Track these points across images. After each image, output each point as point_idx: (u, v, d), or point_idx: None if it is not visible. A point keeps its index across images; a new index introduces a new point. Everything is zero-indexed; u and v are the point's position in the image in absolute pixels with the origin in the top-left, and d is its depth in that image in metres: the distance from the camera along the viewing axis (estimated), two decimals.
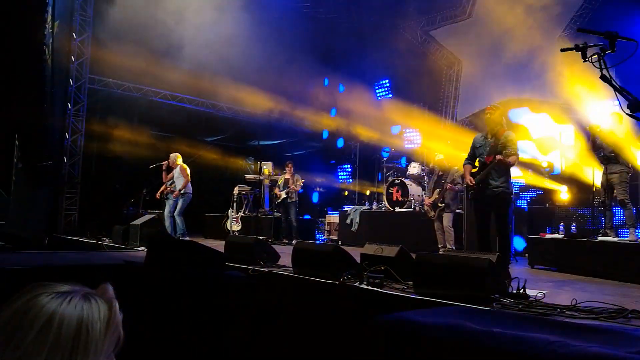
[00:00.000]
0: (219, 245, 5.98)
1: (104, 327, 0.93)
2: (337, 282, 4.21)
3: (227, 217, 10.70)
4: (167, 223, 8.99)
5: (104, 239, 8.81)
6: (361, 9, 13.08)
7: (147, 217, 8.61)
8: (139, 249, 7.50)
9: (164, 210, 9.18)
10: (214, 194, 12.54)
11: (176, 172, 9.17)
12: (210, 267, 4.55)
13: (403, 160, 11.95)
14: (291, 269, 4.83)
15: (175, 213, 8.96)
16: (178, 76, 11.51)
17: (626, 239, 6.05)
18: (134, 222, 8.26)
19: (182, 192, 8.99)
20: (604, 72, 2.43)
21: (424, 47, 12.88)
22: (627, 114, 2.47)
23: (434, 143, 10.94)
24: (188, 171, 9.16)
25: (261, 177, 11.26)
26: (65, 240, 9.59)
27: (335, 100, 14.55)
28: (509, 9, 10.60)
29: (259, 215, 10.77)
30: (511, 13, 10.55)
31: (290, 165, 10.15)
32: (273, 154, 13.59)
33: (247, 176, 12.31)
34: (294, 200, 9.77)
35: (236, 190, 11.04)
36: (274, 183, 10.76)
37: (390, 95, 13.76)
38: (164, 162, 9.41)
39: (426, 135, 12.28)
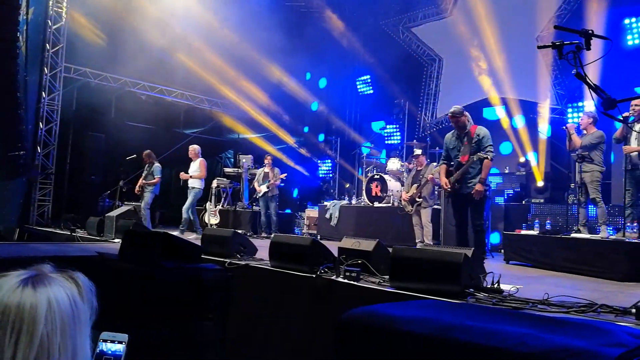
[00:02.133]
0: (196, 238, 5.92)
1: (73, 303, 0.95)
2: (313, 276, 4.20)
3: (205, 211, 10.61)
4: (145, 215, 8.87)
5: (77, 230, 8.65)
6: (343, 4, 13.06)
7: (123, 208, 8.49)
8: (114, 240, 7.39)
9: (141, 202, 9.05)
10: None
11: (195, 164, 9.07)
12: (185, 260, 4.50)
13: (383, 155, 12.00)
14: (268, 262, 4.81)
15: (185, 208, 8.80)
16: (155, 68, 11.34)
17: (598, 235, 6.18)
18: (109, 214, 8.13)
19: (192, 187, 8.87)
20: (579, 69, 2.46)
21: (405, 44, 12.92)
22: (601, 112, 2.51)
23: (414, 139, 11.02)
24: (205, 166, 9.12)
25: (240, 171, 11.19)
26: (37, 231, 9.39)
27: (317, 94, 14.53)
28: (489, 8, 10.71)
29: (238, 208, 10.71)
30: (491, 11, 10.67)
31: (269, 158, 10.11)
32: (253, 148, 13.51)
33: (226, 169, 12.22)
34: (275, 194, 9.74)
35: (215, 184, 10.95)
36: (253, 176, 10.70)
37: (372, 91, 13.79)
38: (144, 154, 9.25)
39: (407, 130, 12.36)
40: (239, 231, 8.71)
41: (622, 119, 5.54)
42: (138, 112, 11.92)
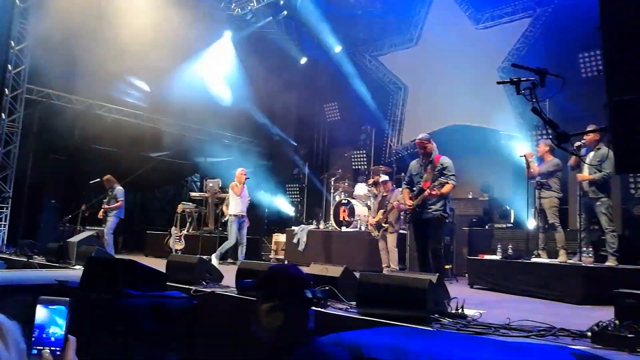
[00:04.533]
0: (160, 264, 5.81)
1: None
2: None
3: (170, 235, 10.42)
4: (108, 241, 8.64)
5: (35, 257, 8.34)
6: (311, 33, 13.31)
7: (85, 234, 8.25)
8: (75, 267, 7.15)
9: (104, 227, 8.83)
10: (157, 211, 12.21)
11: (246, 189, 9.03)
12: (150, 288, 4.41)
13: (351, 181, 12.11)
14: (234, 289, 4.76)
15: (237, 237, 8.69)
16: (121, 90, 11.22)
17: (557, 260, 6.39)
18: (70, 239, 7.88)
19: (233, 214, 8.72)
20: (535, 105, 2.61)
21: (372, 72, 13.23)
22: (555, 145, 2.65)
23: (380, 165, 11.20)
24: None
25: (207, 195, 11.08)
26: None
27: (284, 119, 14.63)
28: (453, 38, 11.14)
29: (204, 233, 10.57)
30: (455, 42, 11.09)
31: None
32: (220, 171, 13.42)
33: (192, 193, 12.08)
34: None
35: (180, 208, 10.80)
36: (220, 201, 10.60)
37: (339, 117, 14.00)
38: (104, 179, 9.07)
39: (374, 156, 12.56)
40: (205, 257, 8.61)
41: (574, 149, 5.84)
42: (102, 135, 11.71)
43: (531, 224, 7.68)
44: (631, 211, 7.94)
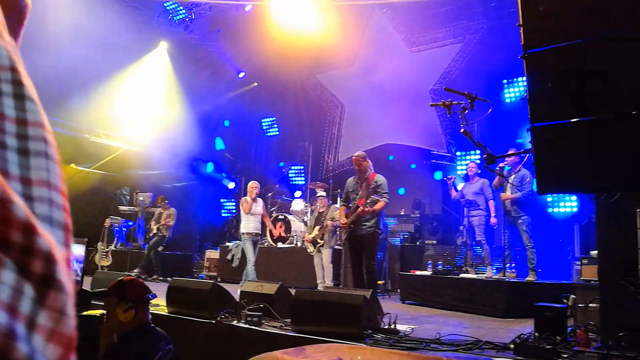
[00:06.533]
0: (85, 281, 5.48)
1: None
2: (214, 321, 4.07)
3: (96, 251, 9.88)
4: None
5: None
6: (250, 47, 13.28)
7: None
8: None
9: None
10: (83, 226, 11.54)
11: (260, 205, 7.66)
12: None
13: (288, 197, 12.11)
14: (165, 307, 4.57)
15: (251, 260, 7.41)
16: (45, 98, 10.58)
17: (483, 275, 6.69)
18: None
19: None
20: (465, 127, 2.74)
21: (310, 90, 13.38)
22: (484, 166, 2.80)
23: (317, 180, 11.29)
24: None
25: (137, 209, 10.65)
26: None
27: (221, 132, 14.42)
28: (387, 59, 11.52)
29: (132, 249, 10.12)
30: (390, 62, 11.47)
31: (160, 198, 9.81)
32: (152, 185, 12.96)
33: (121, 207, 11.57)
34: (163, 234, 9.39)
35: (107, 223, 10.29)
36: (150, 215, 10.22)
37: (277, 133, 14.00)
38: None
39: (311, 172, 12.65)
40: (133, 273, 8.24)
41: (499, 169, 6.19)
42: None
43: (460, 240, 8.02)
44: None
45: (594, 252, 5.35)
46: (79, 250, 4.14)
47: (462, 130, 2.74)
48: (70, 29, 9.32)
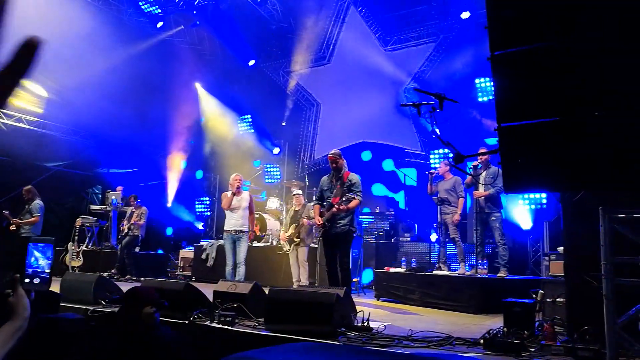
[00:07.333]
0: (54, 283, 5.36)
1: None
2: (187, 322, 4.04)
3: (67, 252, 9.67)
4: None
5: None
6: (226, 44, 13.17)
7: None
8: None
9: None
10: (53, 226, 11.27)
11: (244, 199, 7.21)
12: (39, 309, 4.04)
13: (263, 195, 12.06)
14: None
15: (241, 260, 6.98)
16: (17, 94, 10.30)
17: (456, 272, 6.80)
18: None
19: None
20: (434, 127, 2.78)
21: (285, 88, 13.35)
22: (452, 165, 2.85)
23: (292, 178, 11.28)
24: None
25: (108, 208, 10.47)
26: None
27: (196, 131, 14.26)
28: (363, 59, 11.58)
29: (104, 249, 9.94)
30: (365, 62, 11.53)
31: (132, 197, 9.66)
32: (123, 183, 12.72)
33: (92, 207, 11.36)
34: (135, 234, 9.25)
35: (79, 222, 10.07)
36: (122, 215, 10.05)
37: (253, 130, 13.92)
38: (24, 189, 8.31)
39: (286, 170, 12.62)
40: (105, 274, 8.10)
41: (470, 168, 6.29)
42: None
43: (434, 237, 8.12)
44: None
45: (561, 248, 5.51)
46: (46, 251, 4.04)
47: (431, 129, 2.78)
48: None
